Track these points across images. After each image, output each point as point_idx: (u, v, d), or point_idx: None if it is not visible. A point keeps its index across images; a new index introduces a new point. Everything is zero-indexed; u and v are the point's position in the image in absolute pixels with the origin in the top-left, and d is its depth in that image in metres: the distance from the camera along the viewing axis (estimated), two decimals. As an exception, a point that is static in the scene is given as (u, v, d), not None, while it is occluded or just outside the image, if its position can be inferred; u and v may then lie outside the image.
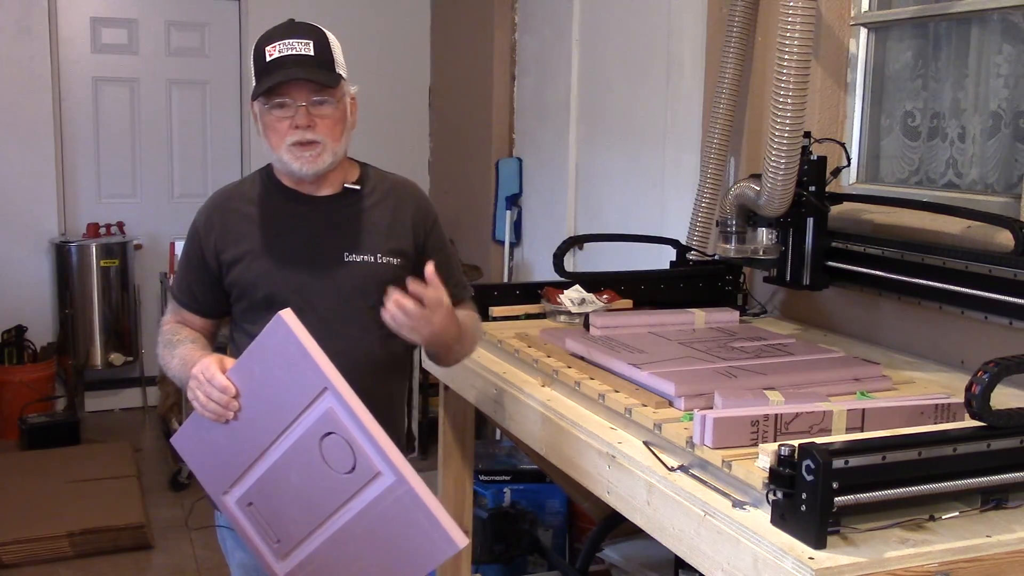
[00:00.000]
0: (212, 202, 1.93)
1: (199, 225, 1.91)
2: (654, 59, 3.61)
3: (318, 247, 1.84)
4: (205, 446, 1.74)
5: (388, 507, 1.57)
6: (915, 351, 2.35)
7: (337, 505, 1.62)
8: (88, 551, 3.76)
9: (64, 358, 5.22)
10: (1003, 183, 2.37)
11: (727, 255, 2.61)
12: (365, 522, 1.60)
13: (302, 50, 1.78)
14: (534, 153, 4.74)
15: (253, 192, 1.90)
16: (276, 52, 1.78)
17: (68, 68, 5.34)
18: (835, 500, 1.28)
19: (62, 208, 5.36)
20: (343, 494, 1.61)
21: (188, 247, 1.92)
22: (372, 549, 1.61)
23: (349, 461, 1.59)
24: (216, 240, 1.87)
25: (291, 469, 1.65)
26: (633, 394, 1.81)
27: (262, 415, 1.66)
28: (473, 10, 5.14)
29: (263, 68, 1.79)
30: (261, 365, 1.64)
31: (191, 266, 1.91)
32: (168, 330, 1.91)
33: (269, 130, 1.81)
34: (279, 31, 1.82)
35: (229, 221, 1.87)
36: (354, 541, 1.62)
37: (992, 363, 1.39)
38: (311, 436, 1.61)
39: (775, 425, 1.53)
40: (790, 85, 2.29)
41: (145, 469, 4.62)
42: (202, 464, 1.78)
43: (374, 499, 1.58)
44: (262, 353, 1.64)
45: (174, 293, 1.96)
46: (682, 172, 3.44)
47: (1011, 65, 2.36)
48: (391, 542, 1.59)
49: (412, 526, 1.56)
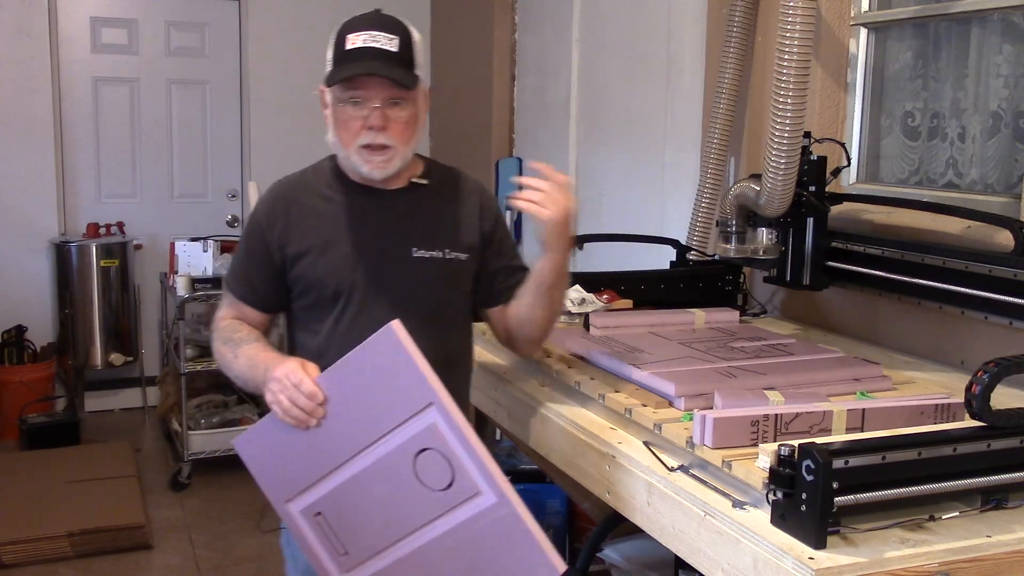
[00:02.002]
0: (275, 193, 1.87)
1: (261, 216, 1.85)
2: (654, 59, 3.61)
3: (385, 242, 1.80)
4: (273, 452, 1.68)
5: (485, 527, 1.52)
6: (915, 351, 2.35)
7: (424, 522, 1.56)
8: (88, 551, 3.76)
9: (64, 358, 5.22)
10: (1003, 183, 2.37)
11: (727, 255, 2.61)
12: (455, 541, 1.54)
13: (386, 44, 1.71)
14: (534, 153, 4.74)
15: (318, 184, 1.85)
16: (359, 42, 1.71)
17: (68, 68, 5.34)
18: (835, 500, 1.28)
19: (62, 208, 5.36)
20: (433, 511, 1.55)
21: (248, 239, 1.86)
22: (460, 569, 1.55)
23: (446, 478, 1.53)
24: (280, 233, 1.81)
25: (376, 482, 1.59)
26: (633, 394, 1.81)
27: (350, 425, 1.59)
28: (473, 10, 5.14)
29: (342, 55, 1.72)
30: (360, 375, 1.58)
31: (252, 259, 1.85)
32: (227, 326, 1.85)
33: (340, 126, 1.76)
34: (365, 20, 1.75)
35: (293, 213, 1.82)
36: (438, 560, 1.57)
37: (992, 363, 1.39)
38: (406, 450, 1.55)
39: (775, 425, 1.53)
40: (790, 85, 2.29)
41: (145, 469, 4.62)
42: (266, 470, 1.71)
43: (470, 518, 1.52)
44: (363, 362, 1.57)
45: (231, 286, 1.89)
46: (682, 172, 3.44)
47: (1011, 65, 2.36)
48: (484, 563, 1.53)
49: (510, 548, 1.51)
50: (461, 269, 1.84)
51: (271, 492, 1.72)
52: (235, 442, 1.73)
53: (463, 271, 1.84)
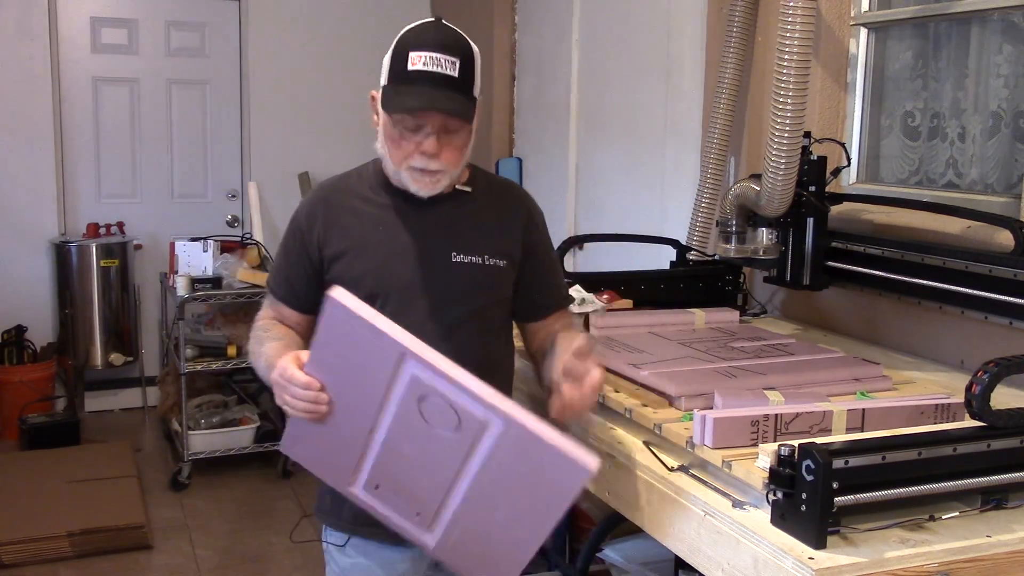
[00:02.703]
0: (316, 195, 1.86)
1: (301, 217, 1.84)
2: (654, 59, 3.61)
3: (425, 246, 1.79)
4: (314, 445, 1.67)
5: (507, 453, 1.50)
6: (915, 351, 2.35)
7: (458, 465, 1.55)
8: (88, 551, 3.76)
9: (64, 358, 5.22)
10: (1003, 183, 2.38)
11: (727, 255, 2.61)
12: (491, 474, 1.53)
13: (448, 69, 1.68)
14: (534, 153, 4.74)
15: (361, 187, 1.84)
16: (420, 63, 1.68)
17: (68, 68, 5.34)
18: (835, 500, 1.28)
19: (62, 208, 5.37)
20: (460, 453, 1.54)
21: (288, 239, 1.86)
22: (507, 498, 1.54)
23: (453, 419, 1.53)
24: (320, 233, 1.81)
25: (402, 443, 1.58)
26: (633, 394, 1.81)
27: (354, 400, 1.59)
28: (473, 10, 5.14)
29: (403, 76, 1.69)
30: (332, 351, 1.58)
31: (290, 259, 1.85)
32: (261, 326, 1.85)
33: (392, 143, 1.74)
34: (428, 37, 1.72)
35: (333, 215, 1.82)
36: (487, 495, 1.55)
37: (992, 363, 1.39)
38: (407, 405, 1.55)
39: (775, 425, 1.53)
40: (790, 85, 2.29)
41: (145, 469, 4.62)
42: (319, 463, 1.70)
43: (491, 449, 1.51)
44: (328, 339, 1.58)
45: (271, 286, 1.89)
46: (682, 172, 3.44)
47: (1011, 65, 2.36)
48: (523, 486, 1.52)
49: (537, 464, 1.49)
50: (500, 275, 1.83)
51: (333, 482, 1.69)
52: (282, 448, 1.71)
53: (502, 277, 1.83)
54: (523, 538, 1.55)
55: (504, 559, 1.57)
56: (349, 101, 5.44)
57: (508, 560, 1.57)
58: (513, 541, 1.56)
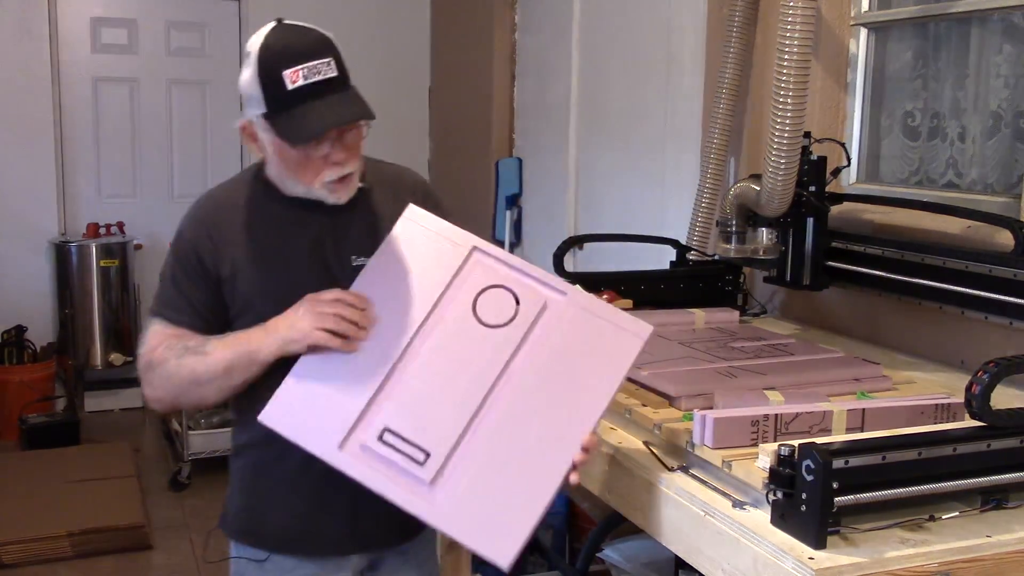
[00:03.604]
0: (200, 214, 1.73)
1: (188, 235, 1.72)
2: (654, 59, 3.61)
3: (323, 253, 1.70)
4: (309, 404, 1.58)
5: (562, 333, 1.55)
6: (915, 351, 2.35)
7: (501, 367, 1.55)
8: (88, 551, 3.76)
9: (64, 358, 5.22)
10: (1003, 183, 2.37)
11: (727, 255, 2.61)
12: (540, 364, 1.55)
13: (327, 73, 1.59)
14: (534, 153, 4.74)
15: (246, 199, 1.73)
16: (300, 79, 1.57)
17: (68, 68, 5.34)
18: (835, 500, 1.28)
19: (62, 208, 5.37)
20: (507, 350, 1.55)
21: (179, 258, 1.71)
22: (553, 391, 1.54)
23: (510, 307, 1.57)
24: (212, 250, 1.69)
25: (443, 355, 1.57)
26: (633, 394, 1.81)
27: (394, 316, 1.59)
28: (473, 10, 5.14)
29: (287, 98, 1.57)
30: (390, 268, 1.62)
31: (188, 276, 1.70)
32: (170, 346, 1.66)
33: (296, 166, 1.64)
34: (291, 48, 1.59)
35: (225, 232, 1.70)
36: (529, 395, 1.54)
37: (992, 363, 1.39)
38: (464, 304, 1.58)
39: (775, 425, 1.53)
40: (790, 85, 2.29)
41: (145, 469, 4.63)
42: (307, 428, 1.58)
43: (545, 333, 1.55)
44: (388, 256, 1.62)
45: (164, 314, 1.70)
46: (682, 172, 3.44)
47: (1011, 65, 2.36)
48: (573, 368, 1.54)
49: (592, 339, 1.54)
50: None
51: (320, 447, 1.58)
52: (262, 418, 1.59)
53: None
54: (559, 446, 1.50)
55: (521, 500, 1.49)
56: (349, 101, 5.44)
57: (526, 501, 1.48)
58: (542, 461, 1.50)
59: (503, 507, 1.49)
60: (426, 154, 5.89)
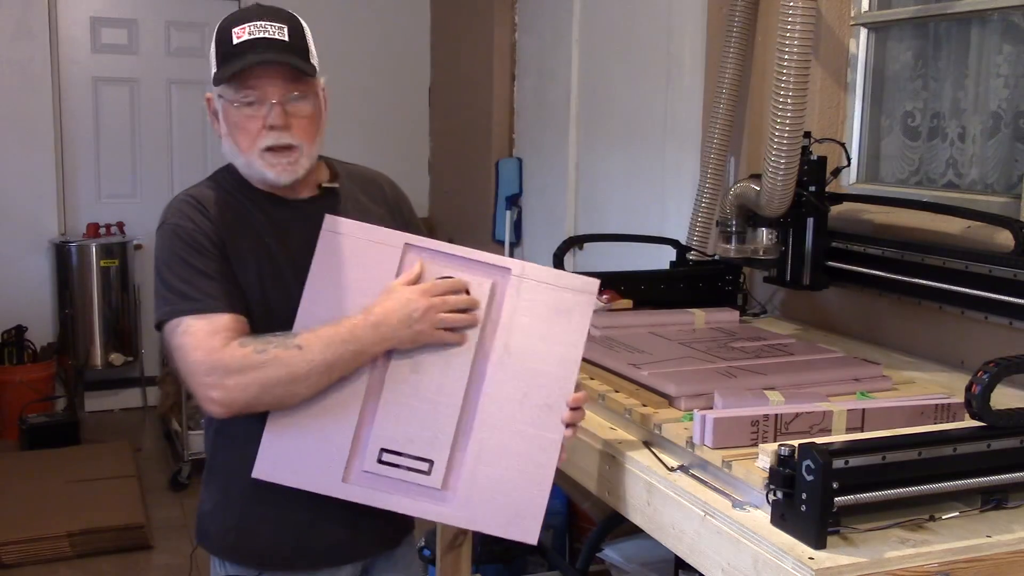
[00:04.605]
0: (186, 203, 1.66)
1: (185, 222, 1.62)
2: (654, 59, 3.61)
3: (302, 252, 1.62)
4: (297, 448, 1.55)
5: (518, 307, 1.57)
6: (915, 351, 2.35)
7: (472, 355, 1.56)
8: (88, 551, 3.76)
9: (64, 358, 5.22)
10: (1003, 183, 2.38)
11: (727, 255, 2.61)
12: (511, 340, 1.56)
13: (275, 34, 1.57)
14: (534, 153, 4.74)
15: (225, 197, 1.67)
16: (245, 34, 1.56)
17: (68, 68, 5.34)
18: (835, 500, 1.28)
19: (62, 208, 5.37)
20: (472, 336, 1.57)
21: (190, 246, 1.59)
22: (527, 362, 1.56)
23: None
24: (217, 232, 1.61)
25: (411, 365, 1.56)
26: (633, 394, 1.81)
27: None
28: (473, 10, 5.14)
29: (230, 51, 1.56)
30: (328, 282, 1.58)
31: (208, 260, 1.58)
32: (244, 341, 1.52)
33: (236, 130, 1.60)
34: (248, 12, 1.61)
35: (215, 221, 1.64)
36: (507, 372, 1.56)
37: (992, 363, 1.39)
38: None
39: (775, 425, 1.53)
40: (790, 85, 2.29)
41: (145, 469, 4.63)
42: (303, 472, 1.55)
43: (504, 311, 1.57)
44: (325, 269, 1.59)
45: (198, 306, 1.54)
46: (682, 172, 3.44)
47: (1011, 65, 2.36)
48: (539, 338, 1.56)
49: (548, 305, 1.57)
50: None
51: (325, 485, 1.56)
52: (256, 475, 1.56)
53: None
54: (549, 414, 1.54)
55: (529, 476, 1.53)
56: (348, 101, 5.45)
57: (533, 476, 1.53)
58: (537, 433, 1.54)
59: (515, 488, 1.53)
60: (426, 154, 5.89)
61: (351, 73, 5.48)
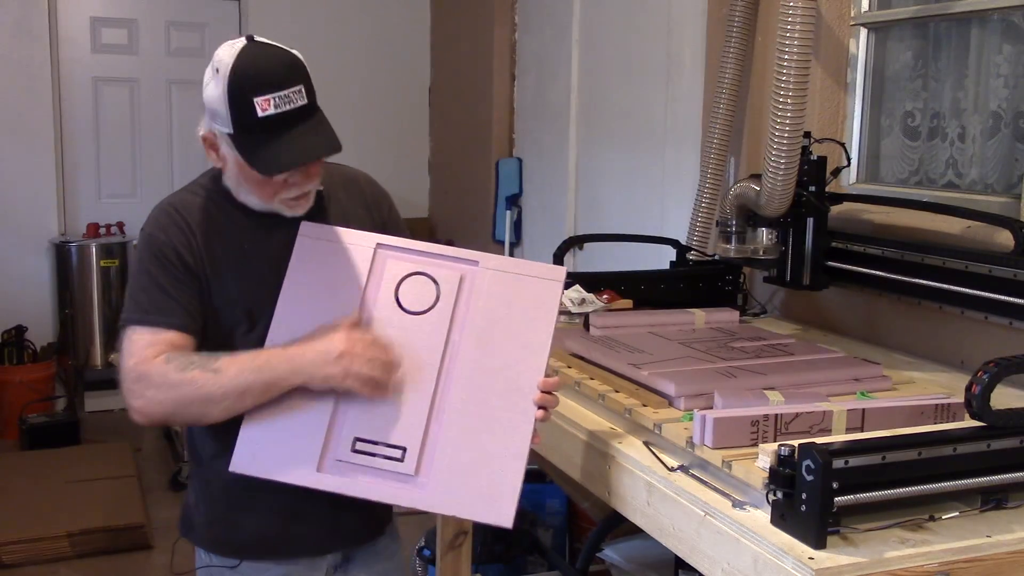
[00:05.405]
0: (166, 212, 1.66)
1: (160, 234, 1.63)
2: (654, 59, 3.61)
3: (286, 261, 1.66)
4: (272, 439, 1.59)
5: (488, 298, 1.62)
6: (915, 351, 2.35)
7: (441, 346, 1.61)
8: (88, 551, 3.76)
9: (64, 358, 5.22)
10: (1003, 183, 2.38)
11: (727, 255, 2.61)
12: (476, 332, 1.61)
13: (298, 101, 1.57)
14: (534, 153, 4.75)
15: (208, 205, 1.68)
16: (271, 108, 1.54)
17: (68, 68, 5.34)
18: (835, 500, 1.28)
19: (62, 208, 5.37)
20: (442, 328, 1.62)
21: (159, 259, 1.62)
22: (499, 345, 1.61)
23: (431, 291, 1.64)
24: (192, 248, 1.63)
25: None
26: (633, 394, 1.81)
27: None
28: (473, 10, 5.15)
29: (257, 125, 1.54)
30: (303, 284, 1.64)
31: (172, 277, 1.61)
32: (170, 356, 1.56)
33: (254, 184, 1.62)
34: (264, 74, 1.55)
35: (197, 232, 1.65)
36: (475, 365, 1.61)
37: (992, 363, 1.39)
38: (387, 300, 1.64)
39: (775, 425, 1.53)
40: (790, 85, 2.29)
41: (145, 469, 4.62)
42: (279, 464, 1.59)
43: (472, 303, 1.62)
44: (301, 273, 1.64)
45: (148, 318, 1.59)
46: (682, 172, 3.44)
47: (1011, 65, 2.36)
48: (507, 327, 1.61)
49: (516, 294, 1.62)
50: None
51: (300, 476, 1.59)
52: (233, 468, 1.59)
53: None
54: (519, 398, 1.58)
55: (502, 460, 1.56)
56: (348, 101, 5.45)
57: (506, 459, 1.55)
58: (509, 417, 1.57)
59: (488, 473, 1.56)
60: (426, 154, 5.89)
61: (351, 73, 5.49)
